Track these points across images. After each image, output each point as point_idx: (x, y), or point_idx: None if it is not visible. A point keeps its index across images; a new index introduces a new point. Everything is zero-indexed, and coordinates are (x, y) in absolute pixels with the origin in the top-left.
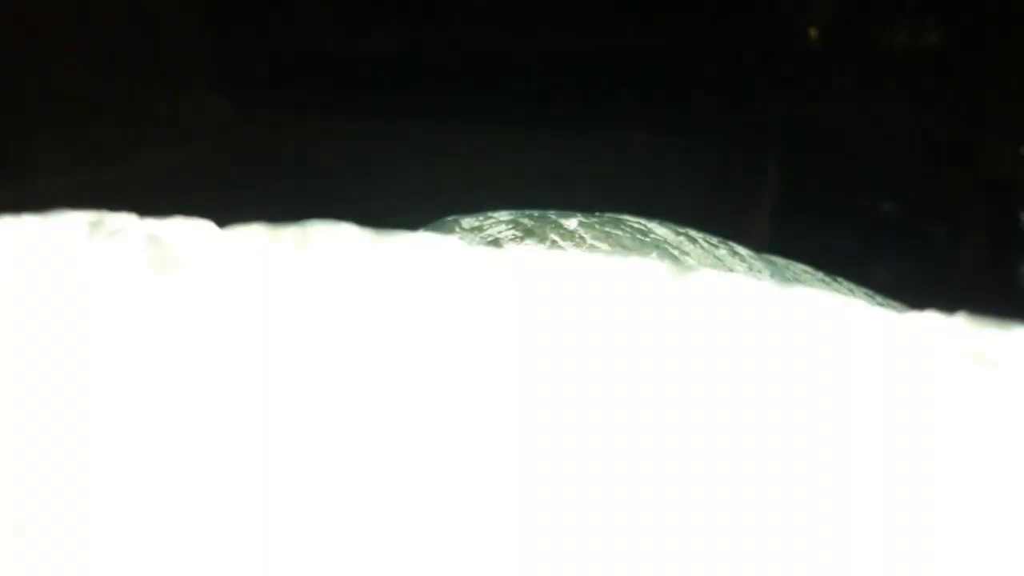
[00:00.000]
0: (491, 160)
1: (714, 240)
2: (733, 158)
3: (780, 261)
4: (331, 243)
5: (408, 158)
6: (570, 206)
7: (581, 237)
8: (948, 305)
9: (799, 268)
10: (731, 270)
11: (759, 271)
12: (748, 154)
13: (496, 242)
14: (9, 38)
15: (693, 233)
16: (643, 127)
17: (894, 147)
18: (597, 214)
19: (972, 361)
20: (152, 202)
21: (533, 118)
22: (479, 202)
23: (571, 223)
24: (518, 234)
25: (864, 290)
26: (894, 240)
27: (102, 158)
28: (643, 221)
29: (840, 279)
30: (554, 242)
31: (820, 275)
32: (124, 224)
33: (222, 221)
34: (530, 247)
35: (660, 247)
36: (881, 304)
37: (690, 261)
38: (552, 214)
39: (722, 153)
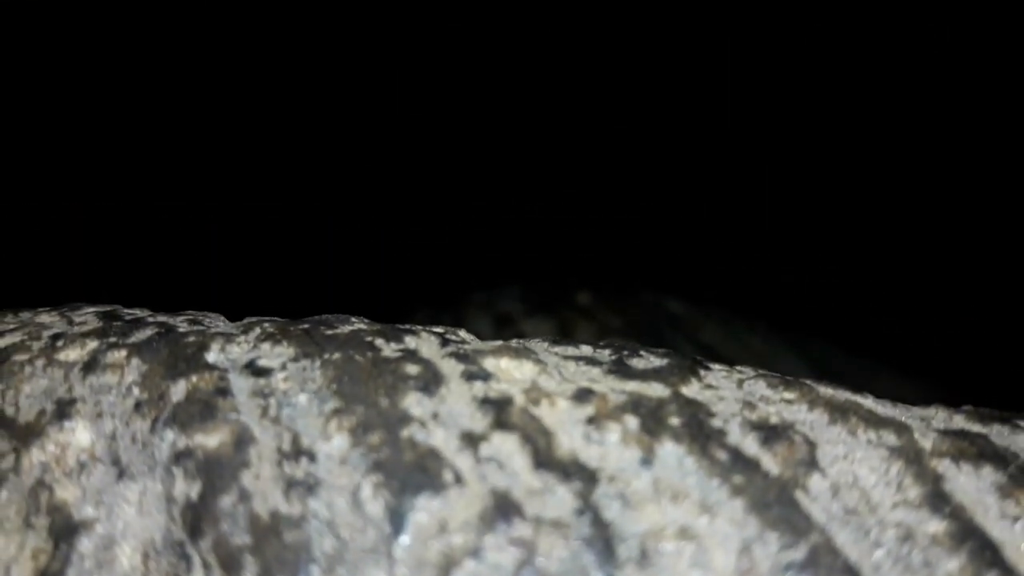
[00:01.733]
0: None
1: (730, 314)
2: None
3: (800, 338)
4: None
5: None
6: (583, 276)
7: (593, 313)
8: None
9: (820, 345)
10: (747, 347)
11: (776, 347)
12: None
13: (507, 318)
14: None
15: (709, 306)
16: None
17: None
18: (611, 286)
19: (975, 457)
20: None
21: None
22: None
23: (584, 297)
24: (530, 309)
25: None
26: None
27: None
28: (658, 294)
29: (860, 357)
30: (567, 318)
31: (842, 354)
32: (138, 316)
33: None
34: (541, 325)
35: (674, 324)
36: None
37: (706, 339)
38: (564, 287)
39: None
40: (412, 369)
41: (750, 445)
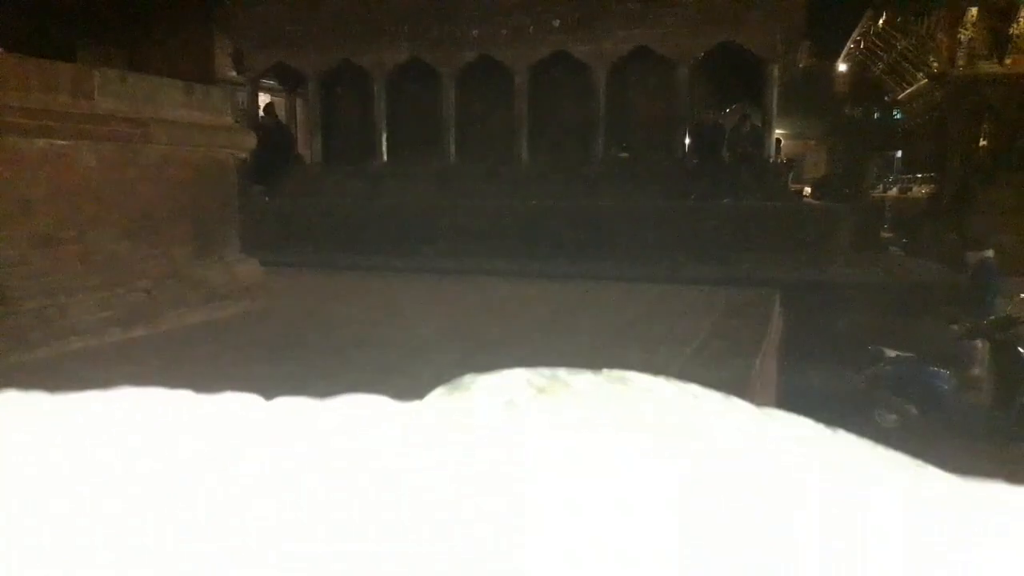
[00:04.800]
0: (509, 309)
1: (717, 396)
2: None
3: (781, 415)
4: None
5: (429, 309)
6: (582, 358)
7: (588, 397)
8: (953, 448)
9: (803, 422)
10: (733, 425)
11: (759, 424)
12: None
13: (512, 402)
14: (49, 204)
15: (696, 389)
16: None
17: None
18: (605, 372)
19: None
20: (184, 362)
21: (548, 263)
22: (497, 351)
23: (579, 383)
24: (532, 393)
25: (866, 442)
26: (898, 383)
27: (135, 319)
28: (648, 378)
29: (840, 431)
30: (564, 400)
31: (820, 428)
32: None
33: (253, 381)
34: (543, 405)
35: (661, 406)
36: (884, 455)
37: (693, 419)
38: (562, 373)
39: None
40: None
41: None
